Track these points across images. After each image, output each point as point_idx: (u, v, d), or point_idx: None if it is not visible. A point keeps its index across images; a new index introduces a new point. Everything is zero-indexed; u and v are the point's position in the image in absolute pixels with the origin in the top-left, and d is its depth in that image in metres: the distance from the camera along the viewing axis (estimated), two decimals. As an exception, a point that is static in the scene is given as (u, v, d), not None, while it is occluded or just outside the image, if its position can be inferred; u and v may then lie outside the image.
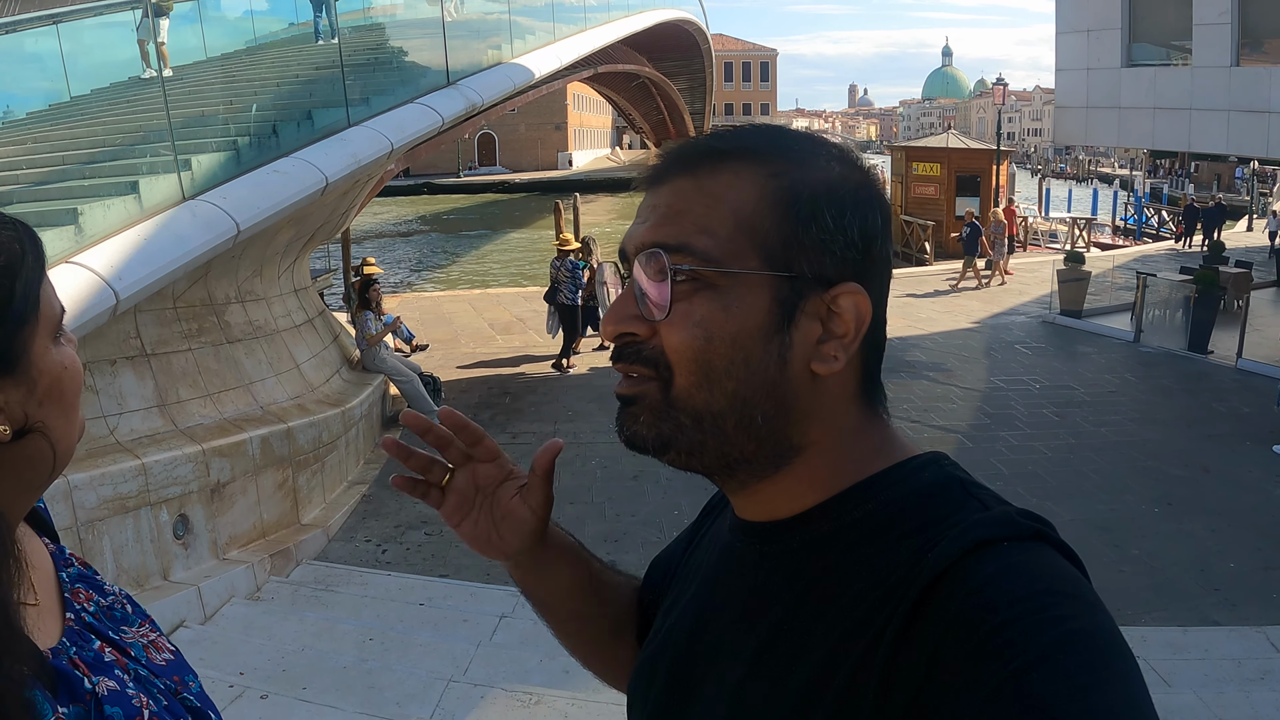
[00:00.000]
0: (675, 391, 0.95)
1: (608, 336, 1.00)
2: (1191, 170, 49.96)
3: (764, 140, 1.01)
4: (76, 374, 1.12)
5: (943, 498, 0.94)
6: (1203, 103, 16.53)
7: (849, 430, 1.00)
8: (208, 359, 7.92)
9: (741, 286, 0.94)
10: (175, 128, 8.30)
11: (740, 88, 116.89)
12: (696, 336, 0.93)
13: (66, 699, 1.05)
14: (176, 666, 1.27)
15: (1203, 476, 9.50)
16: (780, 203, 0.96)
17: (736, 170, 0.97)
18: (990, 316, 17.62)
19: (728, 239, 0.94)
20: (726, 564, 1.10)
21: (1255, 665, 6.06)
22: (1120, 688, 0.75)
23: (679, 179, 0.99)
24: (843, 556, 0.95)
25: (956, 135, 29.77)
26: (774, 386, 0.95)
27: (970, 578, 0.82)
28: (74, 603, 1.21)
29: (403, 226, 48.74)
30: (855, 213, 0.98)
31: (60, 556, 1.28)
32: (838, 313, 0.96)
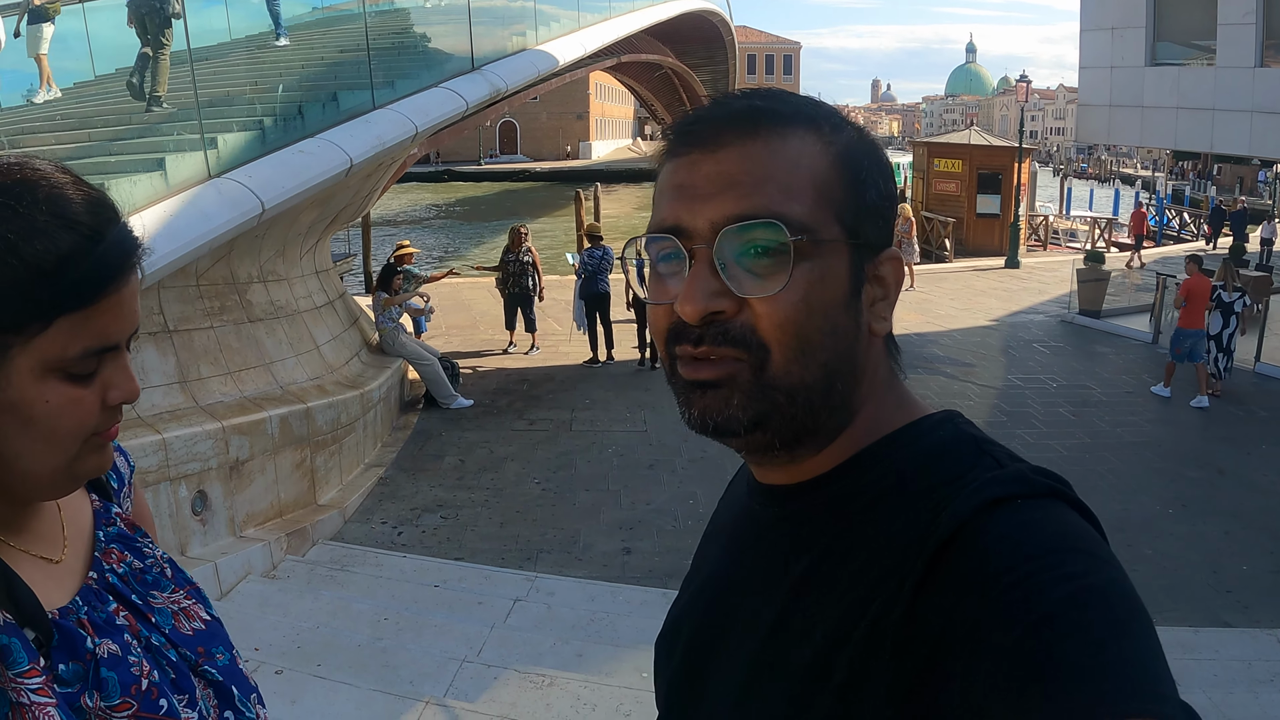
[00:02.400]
0: (772, 369, 0.92)
1: (691, 316, 0.92)
2: (1214, 172, 49.64)
3: (807, 101, 1.00)
4: (62, 415, 1.07)
5: (957, 455, 0.95)
6: (1226, 103, 16.44)
7: (883, 388, 1.02)
8: (229, 337, 7.97)
9: (830, 255, 0.93)
10: (201, 107, 8.34)
11: (763, 80, 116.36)
12: (800, 310, 0.91)
13: (66, 656, 1.08)
14: (205, 637, 1.28)
15: (1218, 478, 9.48)
16: (845, 167, 0.95)
17: (802, 135, 0.95)
18: (1009, 314, 17.56)
19: (814, 206, 0.92)
20: (746, 528, 1.10)
21: (1265, 667, 6.06)
22: (1135, 643, 0.75)
23: (743, 143, 0.94)
24: (859, 516, 0.95)
25: (979, 132, 29.65)
26: (851, 353, 0.96)
27: (984, 535, 0.83)
28: (103, 562, 1.23)
29: (423, 212, 48.84)
30: (891, 179, 1.00)
31: (104, 514, 1.30)
32: (882, 276, 0.98)
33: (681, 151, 0.97)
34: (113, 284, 1.07)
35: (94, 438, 1.11)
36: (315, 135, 8.81)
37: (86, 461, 1.12)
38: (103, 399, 1.10)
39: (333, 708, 4.91)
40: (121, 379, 1.11)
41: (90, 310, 1.05)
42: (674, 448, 10.08)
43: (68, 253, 1.03)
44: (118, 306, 1.08)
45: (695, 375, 0.94)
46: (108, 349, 1.09)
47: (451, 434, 10.64)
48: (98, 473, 1.16)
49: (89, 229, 1.06)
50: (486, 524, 8.35)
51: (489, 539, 8.06)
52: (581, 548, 7.93)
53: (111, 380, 1.10)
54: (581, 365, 13.53)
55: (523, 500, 8.85)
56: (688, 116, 1.01)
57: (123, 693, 1.11)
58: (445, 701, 4.98)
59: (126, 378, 1.12)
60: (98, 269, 1.05)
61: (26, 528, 1.16)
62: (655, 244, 0.97)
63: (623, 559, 7.73)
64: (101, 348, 1.08)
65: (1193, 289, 12.38)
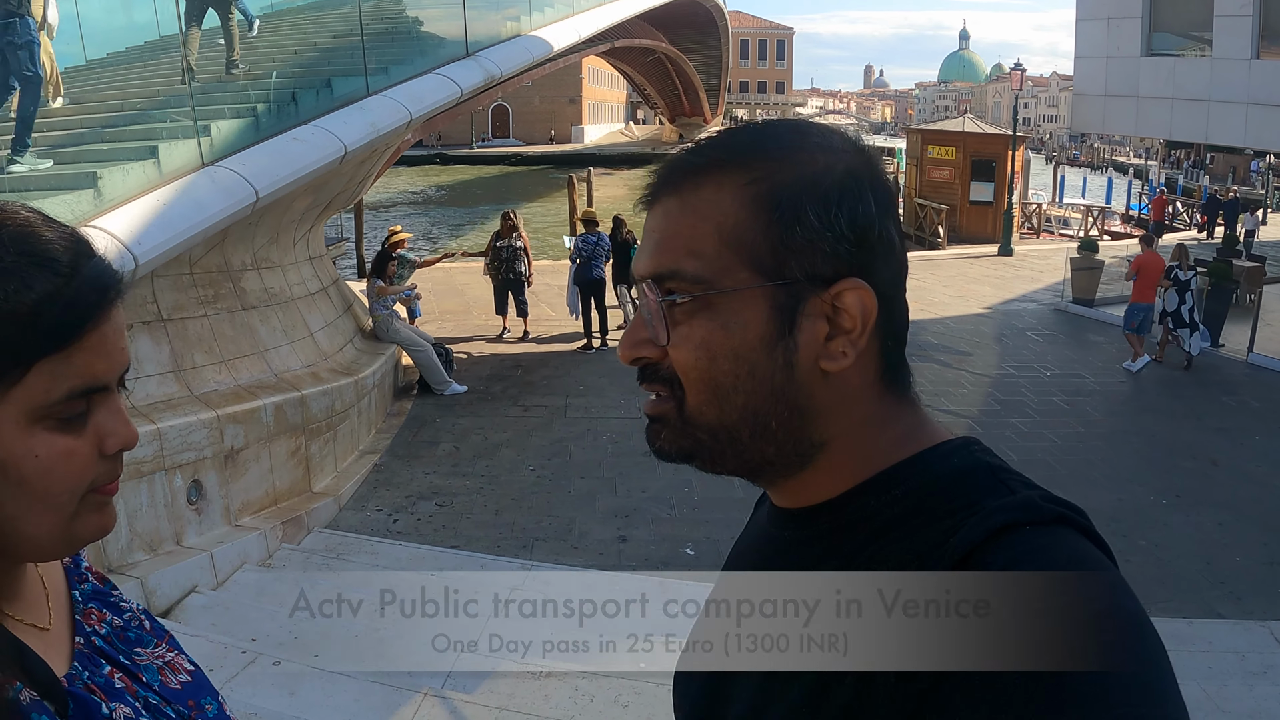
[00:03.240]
0: (689, 410, 0.98)
1: (624, 360, 1.02)
2: (1207, 161, 49.71)
3: (742, 146, 1.00)
4: (54, 470, 1.01)
5: (970, 483, 0.94)
6: (1222, 94, 16.46)
7: (872, 420, 1.00)
8: (223, 325, 7.94)
9: (737, 302, 0.95)
10: (195, 93, 8.30)
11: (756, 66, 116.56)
12: (701, 357, 0.96)
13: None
14: (193, 689, 1.25)
15: (1211, 469, 9.50)
16: (762, 209, 0.95)
17: (717, 183, 0.97)
18: (1002, 303, 17.58)
19: (715, 257, 0.95)
20: (765, 549, 1.11)
21: (1259, 659, 6.09)
22: (1144, 669, 0.75)
23: (667, 200, 1.00)
24: (873, 540, 0.95)
25: (973, 119, 29.64)
26: (783, 392, 0.96)
27: (991, 563, 0.83)
28: (85, 625, 1.19)
29: (415, 197, 48.73)
30: (843, 204, 0.95)
31: (75, 571, 1.26)
32: (842, 308, 0.95)
33: (641, 207, 1.05)
34: (92, 321, 1.02)
35: (92, 495, 1.06)
36: (309, 122, 8.75)
37: (87, 522, 1.06)
38: (98, 448, 1.04)
39: (331, 699, 4.91)
40: (116, 424, 1.06)
41: (71, 350, 1.00)
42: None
43: (41, 292, 0.98)
44: (101, 344, 1.03)
45: (644, 409, 1.03)
46: (95, 390, 1.04)
47: (446, 420, 10.63)
48: (100, 534, 1.09)
49: (62, 266, 1.01)
50: (482, 511, 8.34)
51: (484, 526, 8.06)
52: (577, 535, 7.92)
53: (105, 426, 1.05)
54: (576, 351, 13.51)
55: (518, 487, 8.85)
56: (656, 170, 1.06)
57: None
58: (443, 693, 4.98)
59: (121, 422, 1.06)
60: (74, 307, 1.00)
61: (17, 594, 1.11)
62: None
63: (619, 547, 7.73)
64: (88, 389, 1.02)
65: (1143, 265, 13.43)
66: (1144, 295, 13.28)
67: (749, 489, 1.10)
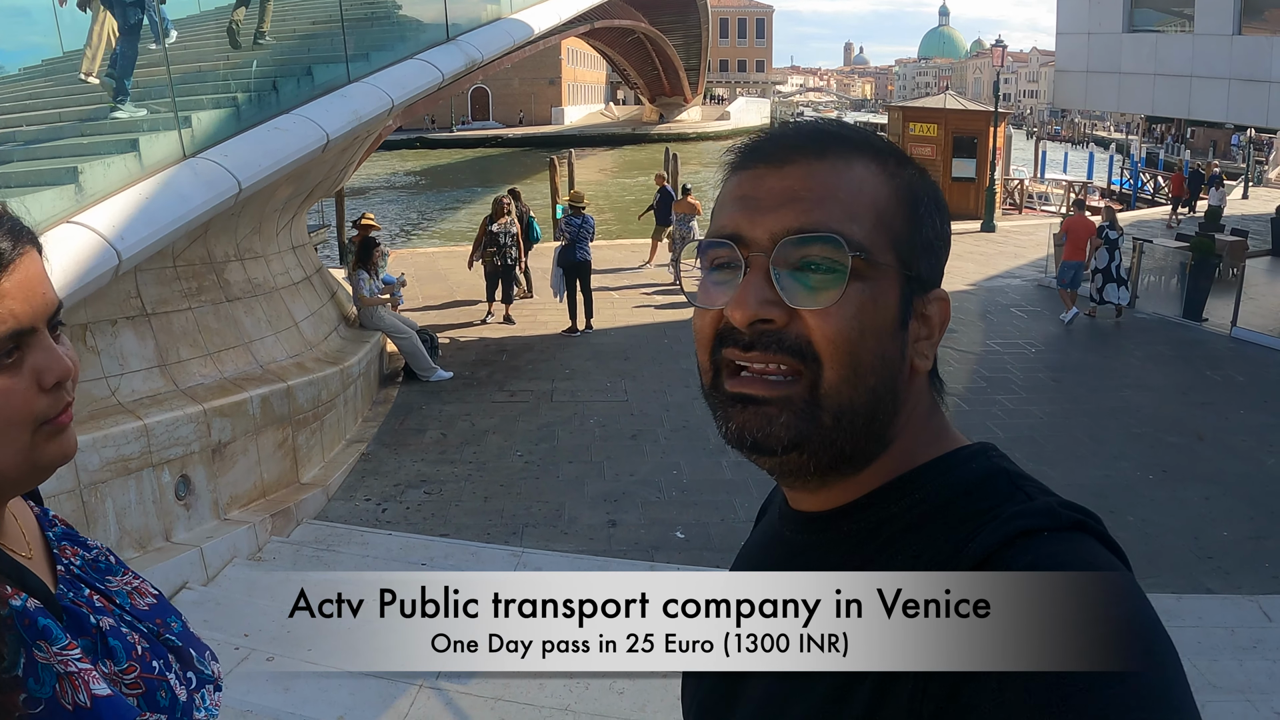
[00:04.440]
0: (824, 388, 0.93)
1: (741, 321, 0.93)
2: (1187, 136, 49.85)
3: (874, 137, 1.02)
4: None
5: (989, 489, 0.95)
6: (1204, 70, 16.52)
7: (921, 423, 1.02)
8: (208, 318, 7.90)
9: (883, 280, 0.95)
10: (174, 84, 8.22)
11: (736, 44, 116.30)
12: (853, 327, 0.92)
13: (75, 633, 1.17)
14: (159, 609, 1.37)
15: (1197, 444, 9.57)
16: (905, 201, 0.98)
17: (866, 163, 0.98)
18: (985, 279, 17.59)
19: (871, 230, 0.94)
20: (777, 553, 1.10)
21: (1248, 634, 6.15)
22: (1159, 675, 0.76)
23: (811, 162, 0.97)
24: (888, 545, 0.95)
25: (954, 96, 29.59)
26: (894, 383, 0.97)
27: (1010, 567, 0.83)
28: (61, 557, 1.31)
29: (396, 181, 48.47)
30: (946, 220, 1.03)
31: (44, 518, 1.36)
32: (929, 315, 1.00)
33: (748, 165, 1.00)
34: (4, 270, 1.09)
35: (45, 426, 1.15)
36: (291, 111, 8.70)
37: (47, 449, 1.16)
38: (37, 384, 1.13)
39: (326, 694, 4.91)
40: (49, 360, 1.14)
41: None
42: (656, 418, 10.10)
43: None
44: (20, 289, 1.10)
45: (742, 389, 0.95)
46: (23, 332, 1.11)
47: (432, 407, 10.61)
48: (63, 459, 1.19)
49: None
50: (470, 499, 8.34)
51: (474, 514, 8.06)
52: (566, 521, 7.94)
53: (39, 364, 1.13)
54: (561, 334, 13.47)
55: (506, 474, 8.85)
56: (757, 136, 1.04)
57: (128, 657, 1.22)
58: (438, 685, 4.98)
59: (54, 358, 1.14)
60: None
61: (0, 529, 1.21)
62: (712, 250, 0.98)
63: (608, 531, 7.75)
64: (14, 332, 1.10)
65: (1072, 226, 14.81)
66: (1074, 254, 14.45)
67: (736, 470, 1.10)
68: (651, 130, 73.30)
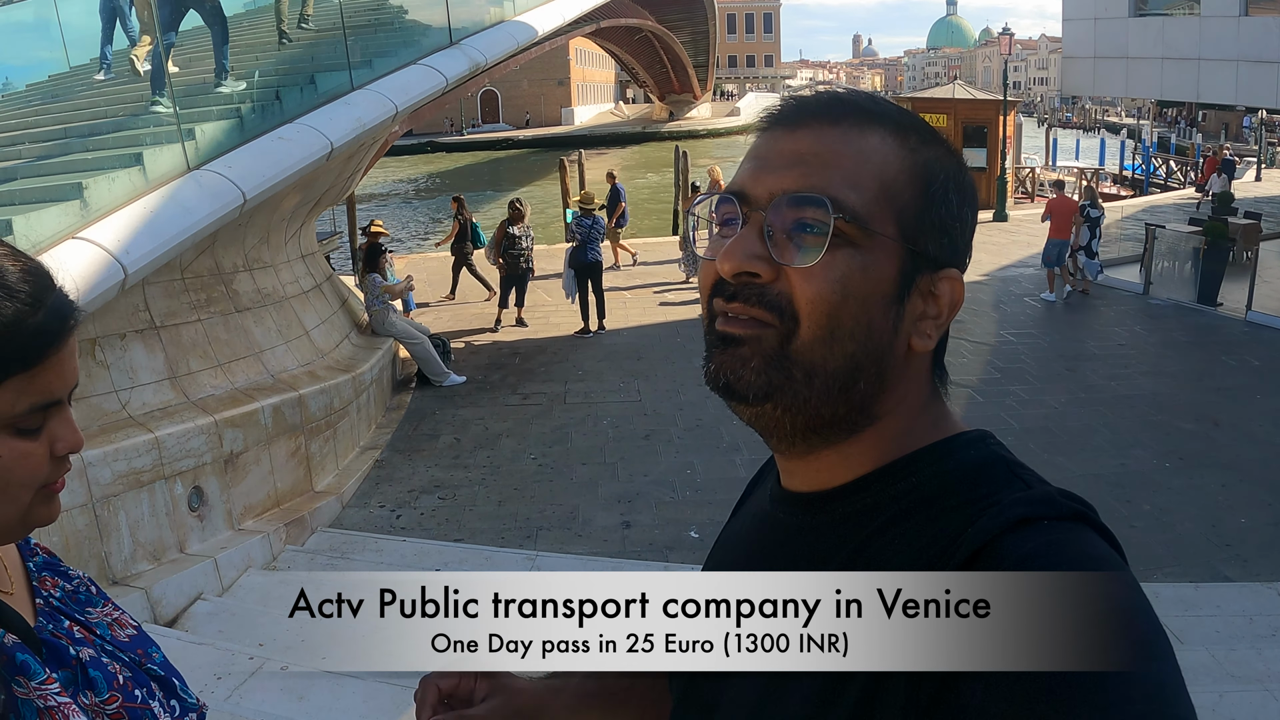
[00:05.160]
0: (797, 343, 0.94)
1: (728, 272, 0.96)
2: (1199, 119, 49.49)
3: (899, 111, 1.03)
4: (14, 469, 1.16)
5: (987, 476, 0.95)
6: (1211, 53, 16.42)
7: (917, 405, 1.02)
8: (217, 329, 7.92)
9: (879, 250, 0.95)
10: (177, 96, 8.25)
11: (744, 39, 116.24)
12: (835, 291, 0.93)
13: (55, 665, 1.21)
14: (139, 640, 1.41)
15: (1213, 430, 9.49)
16: (918, 177, 0.98)
17: (882, 134, 0.98)
18: (998, 269, 17.50)
19: (873, 200, 0.95)
20: (768, 535, 1.10)
21: (1267, 622, 6.09)
22: (1156, 665, 0.76)
23: (822, 127, 0.98)
24: (885, 530, 0.95)
25: (963, 86, 29.45)
26: (881, 355, 0.97)
27: (1008, 554, 0.83)
28: (41, 589, 1.35)
29: (408, 186, 48.57)
30: (971, 203, 1.03)
31: (25, 547, 1.41)
32: (937, 294, 0.99)
33: (766, 127, 1.03)
34: (53, 347, 1.17)
35: (43, 490, 1.22)
36: (294, 120, 8.70)
37: (37, 512, 1.23)
38: (50, 451, 1.21)
39: (340, 701, 4.92)
40: (66, 431, 1.22)
41: (34, 371, 1.15)
42: (669, 417, 10.09)
43: (10, 321, 1.12)
44: (59, 365, 1.19)
45: (724, 328, 0.97)
46: (52, 404, 1.19)
47: (445, 412, 10.62)
48: (47, 522, 1.26)
49: (28, 297, 1.15)
50: (485, 503, 8.35)
51: (488, 518, 8.07)
52: (581, 523, 7.94)
53: (57, 433, 1.21)
54: (573, 336, 13.46)
55: (520, 477, 8.85)
56: (786, 100, 1.05)
57: (109, 688, 1.26)
58: (451, 691, 4.98)
59: (70, 430, 1.23)
60: (41, 334, 1.15)
61: None
62: (722, 205, 1.01)
63: (623, 533, 7.75)
64: (46, 403, 1.18)
65: (1055, 207, 15.27)
66: (1058, 233, 15.00)
67: (750, 469, 1.09)
68: (661, 128, 73.31)
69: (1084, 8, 19.01)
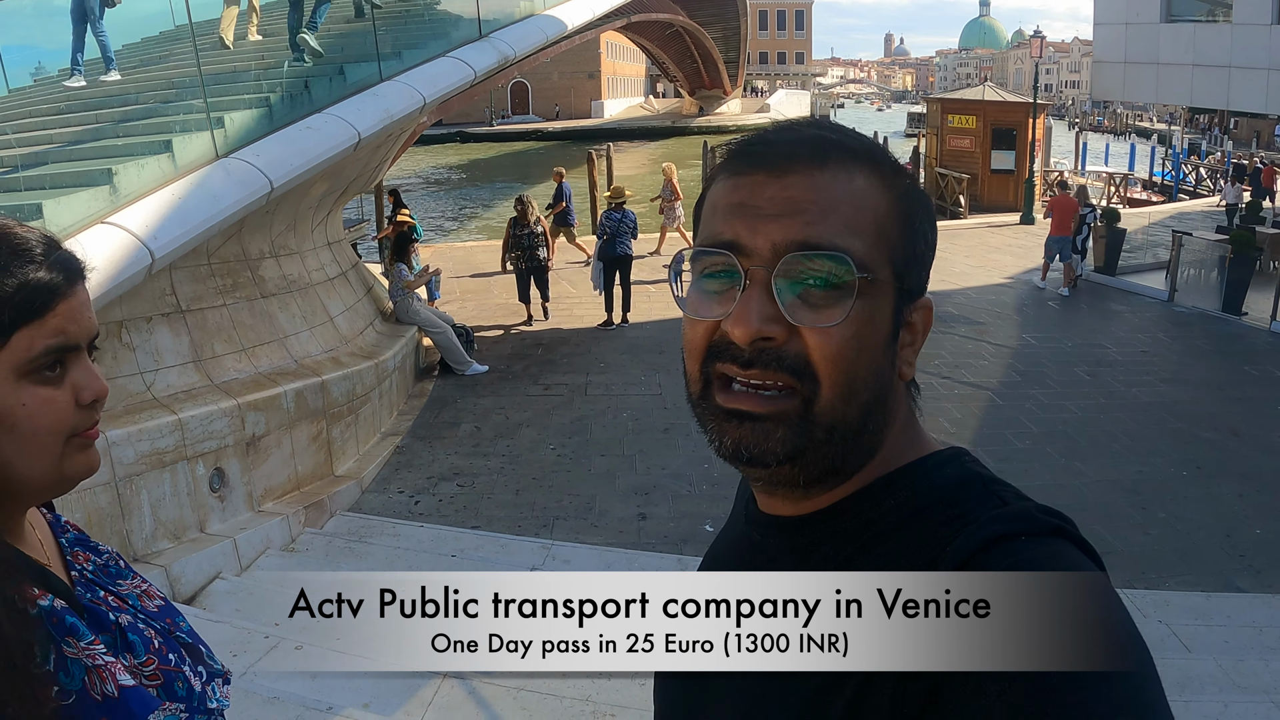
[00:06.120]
0: (820, 405, 0.92)
1: (744, 339, 0.91)
2: (1231, 126, 49.03)
3: (870, 143, 1.00)
4: (39, 415, 1.22)
5: (964, 494, 0.95)
6: (1242, 60, 16.32)
7: (900, 428, 1.02)
8: (242, 314, 8.01)
9: (881, 295, 0.94)
10: (207, 84, 8.33)
11: (775, 36, 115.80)
12: (851, 346, 0.92)
13: (97, 629, 1.26)
14: (167, 611, 1.47)
15: (1232, 440, 9.45)
16: (902, 214, 0.97)
17: (866, 174, 0.96)
18: (1024, 272, 17.41)
19: (873, 245, 0.93)
20: (746, 559, 1.09)
21: (1276, 633, 6.07)
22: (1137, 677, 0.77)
23: (812, 173, 0.94)
24: (866, 551, 0.95)
25: (992, 87, 29.32)
26: (887, 396, 0.97)
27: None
28: (74, 563, 1.40)
29: (436, 175, 48.67)
30: (935, 228, 1.02)
31: (57, 525, 1.47)
32: (914, 323, 1.00)
33: (744, 171, 0.96)
34: (60, 295, 1.24)
35: (75, 438, 1.27)
36: (322, 110, 8.77)
37: (74, 461, 1.28)
38: (75, 399, 1.26)
39: (352, 681, 4.98)
40: (88, 379, 1.27)
41: (46, 318, 1.22)
42: (688, 411, 10.05)
43: (21, 277, 1.21)
44: (70, 312, 1.25)
45: (737, 405, 0.94)
46: (68, 349, 1.25)
47: (467, 401, 10.69)
48: (88, 472, 1.31)
49: (36, 255, 1.24)
50: (503, 491, 8.42)
51: (505, 506, 8.13)
52: (597, 514, 7.98)
53: (79, 381, 1.26)
54: (597, 328, 13.53)
55: (538, 467, 8.91)
56: (751, 138, 1.01)
57: (146, 651, 1.32)
58: (462, 673, 5.05)
59: (92, 377, 1.28)
60: (47, 285, 1.23)
61: (21, 538, 1.31)
62: (705, 259, 0.96)
63: (638, 525, 7.79)
64: (61, 347, 1.24)
65: (1057, 204, 16.20)
66: (1060, 229, 15.88)
67: None
68: (691, 123, 73.21)
69: (1116, 12, 18.90)
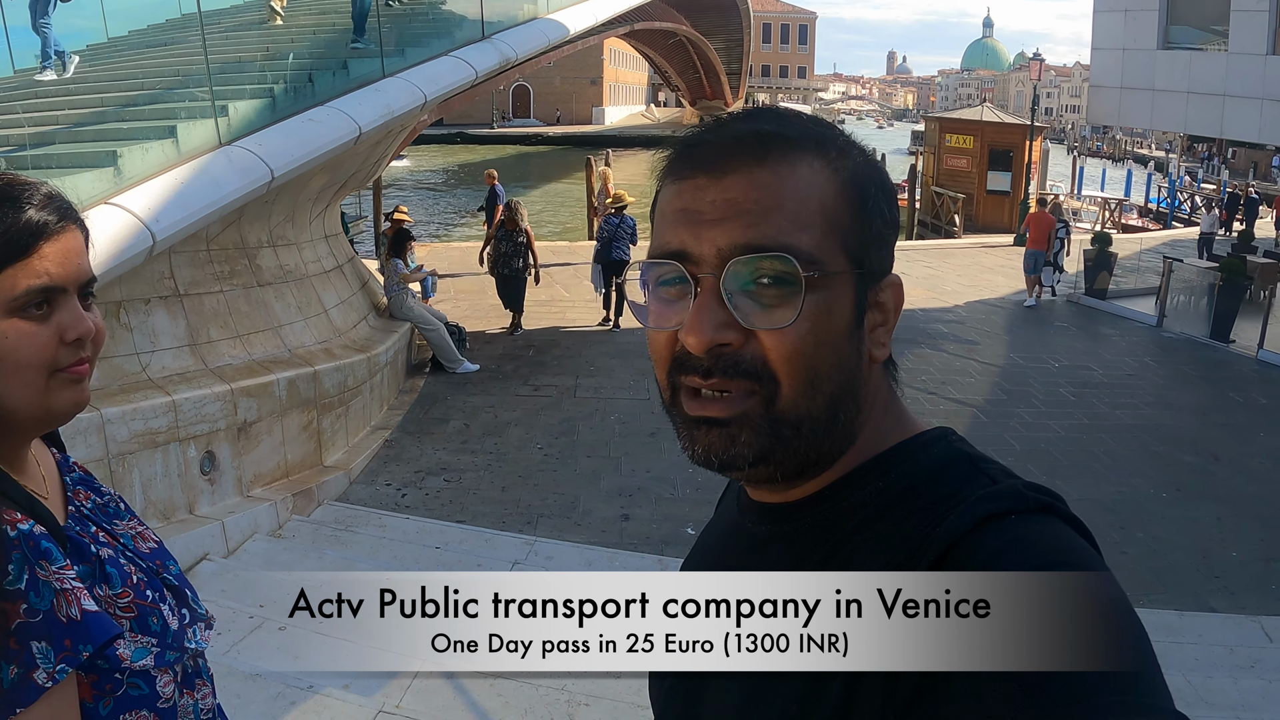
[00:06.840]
0: (781, 403, 0.92)
1: (699, 348, 0.91)
2: (1229, 156, 49.31)
3: (813, 126, 0.98)
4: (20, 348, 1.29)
5: (952, 474, 0.95)
6: (1237, 89, 16.45)
7: (881, 409, 1.02)
8: (238, 301, 8.07)
9: (837, 286, 0.92)
10: (213, 73, 8.40)
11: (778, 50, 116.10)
12: (807, 343, 0.90)
13: (76, 559, 1.34)
14: (159, 553, 1.56)
15: (1213, 464, 9.54)
16: (852, 196, 0.95)
17: (810, 161, 0.93)
18: (1015, 293, 17.51)
19: (822, 237, 0.91)
20: (737, 546, 1.10)
21: (1246, 653, 6.13)
22: (1131, 655, 0.77)
23: (751, 170, 0.92)
24: (856, 533, 0.95)
25: (991, 108, 29.55)
26: (854, 382, 0.96)
27: (977, 552, 0.83)
28: (74, 499, 1.50)
29: (435, 175, 48.70)
30: (894, 202, 1.00)
31: (64, 464, 1.56)
32: (883, 303, 0.98)
33: (686, 175, 0.95)
34: (44, 236, 1.31)
35: (60, 373, 1.33)
36: (325, 103, 8.84)
37: (60, 396, 1.35)
38: (59, 336, 1.32)
39: (335, 663, 5.03)
40: (73, 319, 1.34)
41: (31, 258, 1.29)
42: (672, 417, 10.15)
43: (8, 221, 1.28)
44: (56, 255, 1.32)
45: (702, 412, 0.94)
46: (53, 289, 1.31)
47: (457, 398, 10.74)
48: (75, 408, 1.38)
49: (23, 200, 1.31)
50: (488, 488, 8.47)
51: (490, 502, 8.18)
52: (581, 513, 8.04)
53: (64, 321, 1.32)
54: (590, 330, 13.68)
55: (525, 465, 8.97)
56: (689, 137, 0.98)
57: (122, 584, 1.39)
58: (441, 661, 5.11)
59: (77, 318, 1.34)
60: (31, 225, 1.30)
61: (22, 470, 1.40)
62: (656, 269, 0.95)
63: (621, 525, 7.85)
64: (45, 288, 1.30)
65: (1034, 220, 16.88)
66: (1037, 244, 16.53)
67: None
68: (690, 133, 73.17)
69: (1113, 38, 19.03)
